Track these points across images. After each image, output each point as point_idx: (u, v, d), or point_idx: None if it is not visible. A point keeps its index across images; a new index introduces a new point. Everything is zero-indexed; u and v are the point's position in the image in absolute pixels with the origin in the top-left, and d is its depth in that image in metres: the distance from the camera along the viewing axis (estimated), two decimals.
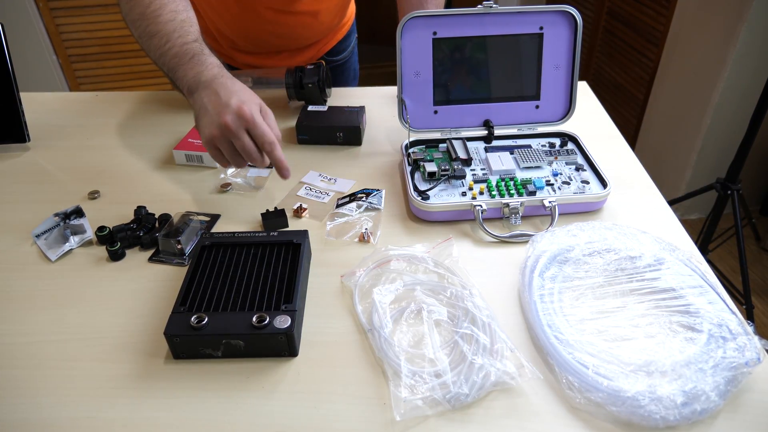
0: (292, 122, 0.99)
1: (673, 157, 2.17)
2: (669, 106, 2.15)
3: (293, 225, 0.77)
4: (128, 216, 0.77)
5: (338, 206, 0.79)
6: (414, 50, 0.83)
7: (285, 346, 0.57)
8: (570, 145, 0.87)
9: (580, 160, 0.84)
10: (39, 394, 0.55)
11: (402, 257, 0.68)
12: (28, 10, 2.19)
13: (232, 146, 0.70)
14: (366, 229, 0.74)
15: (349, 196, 0.80)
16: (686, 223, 1.08)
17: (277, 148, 0.71)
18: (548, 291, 0.62)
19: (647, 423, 0.50)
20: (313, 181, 0.85)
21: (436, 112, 0.87)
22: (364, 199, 0.79)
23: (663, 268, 0.63)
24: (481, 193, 0.78)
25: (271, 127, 0.71)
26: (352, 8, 1.23)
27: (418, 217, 0.77)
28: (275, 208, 0.77)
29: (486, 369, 0.53)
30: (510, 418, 0.52)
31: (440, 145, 0.87)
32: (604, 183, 0.78)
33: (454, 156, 0.83)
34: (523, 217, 0.77)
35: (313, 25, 1.08)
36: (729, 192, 1.62)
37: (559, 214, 0.76)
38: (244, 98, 0.70)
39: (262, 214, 0.76)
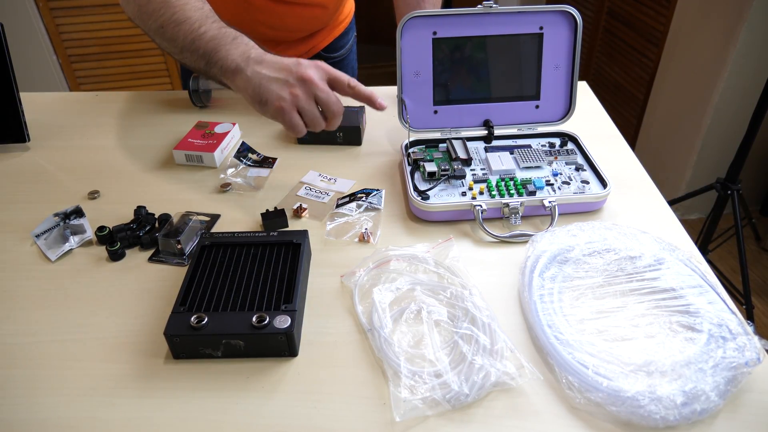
0: None
1: (673, 157, 2.17)
2: (669, 106, 2.15)
3: (293, 225, 0.77)
4: (128, 216, 0.77)
5: (338, 206, 0.79)
6: (414, 50, 0.83)
7: (285, 346, 0.57)
8: (570, 145, 0.87)
9: (580, 160, 0.84)
10: (39, 394, 0.55)
11: (402, 257, 0.68)
12: (28, 10, 2.19)
13: (313, 103, 0.69)
14: (366, 229, 0.74)
15: (349, 196, 0.80)
16: (686, 223, 1.08)
17: (360, 85, 0.72)
18: (548, 291, 0.62)
19: (647, 423, 0.50)
20: (312, 181, 0.85)
21: (436, 112, 0.87)
22: (364, 199, 0.79)
23: (663, 268, 0.63)
24: (481, 193, 0.78)
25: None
26: (350, 5, 1.22)
27: (418, 217, 0.77)
28: (275, 208, 0.77)
29: (486, 369, 0.53)
30: (510, 418, 0.52)
31: (440, 145, 0.87)
32: (604, 183, 0.78)
33: (454, 156, 0.83)
34: (523, 217, 0.77)
35: (307, 17, 1.08)
36: (729, 192, 1.62)
37: (559, 214, 0.76)
38: (308, 59, 0.70)
39: (262, 214, 0.76)
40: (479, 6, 0.81)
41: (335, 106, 0.70)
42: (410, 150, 0.85)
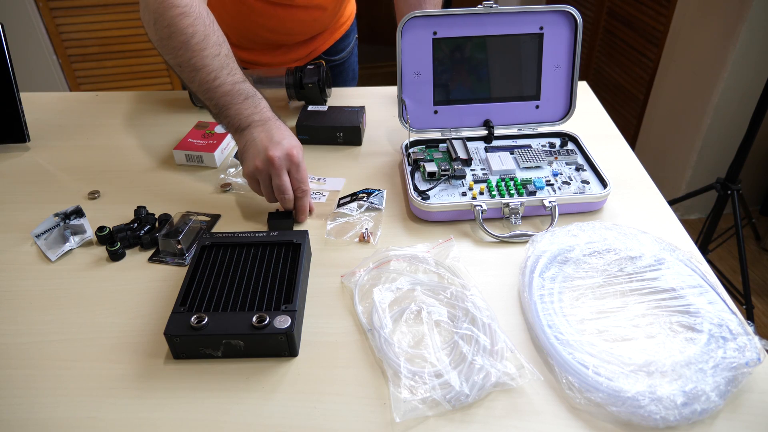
0: (292, 122, 0.99)
1: (673, 157, 2.17)
2: (669, 106, 2.15)
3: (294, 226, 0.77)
4: (128, 216, 0.77)
5: (339, 206, 0.79)
6: (414, 50, 0.83)
7: (285, 346, 0.57)
8: (570, 145, 0.87)
9: (580, 160, 0.84)
10: (39, 394, 0.55)
11: (402, 257, 0.68)
12: (28, 10, 2.19)
13: (269, 180, 0.74)
14: (366, 229, 0.74)
15: (351, 195, 0.80)
16: (686, 223, 1.08)
17: (307, 197, 0.76)
18: (548, 291, 0.62)
19: (647, 423, 0.50)
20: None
21: (436, 112, 0.87)
22: (365, 199, 0.79)
23: (663, 268, 0.63)
24: (481, 193, 0.78)
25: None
26: (351, 8, 1.22)
27: (418, 217, 0.77)
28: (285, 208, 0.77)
29: (486, 369, 0.53)
30: (510, 418, 0.52)
31: (440, 145, 0.87)
32: (604, 183, 0.78)
33: (454, 156, 0.83)
34: (523, 217, 0.77)
35: (307, 20, 1.07)
36: (729, 192, 1.62)
37: (559, 214, 0.76)
38: (294, 143, 0.75)
39: (270, 213, 0.75)
40: (479, 6, 0.80)
41: (284, 191, 0.74)
42: (410, 150, 0.85)
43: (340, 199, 0.80)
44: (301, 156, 0.75)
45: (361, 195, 0.79)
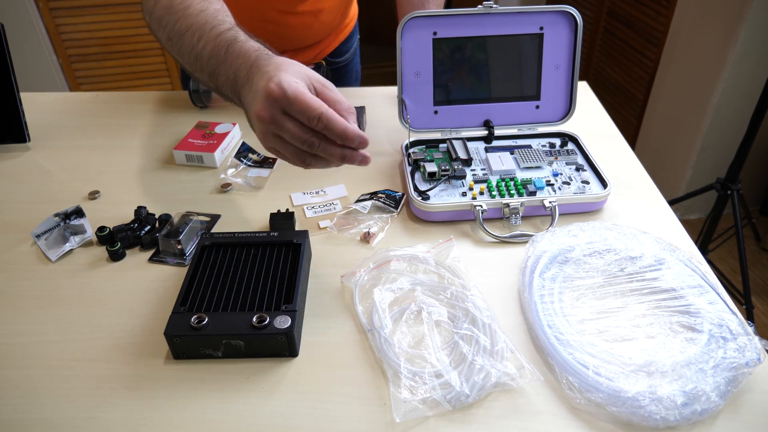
0: None
1: (673, 157, 2.17)
2: (669, 106, 2.15)
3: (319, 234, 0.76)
4: (128, 216, 0.77)
5: (356, 201, 0.79)
6: (414, 50, 0.83)
7: (285, 347, 0.57)
8: (570, 145, 0.87)
9: (580, 160, 0.84)
10: (38, 394, 0.55)
11: (402, 257, 0.68)
12: (28, 10, 2.19)
13: (283, 142, 0.57)
14: (369, 229, 0.74)
15: (370, 194, 0.80)
16: (686, 223, 1.08)
17: (335, 119, 0.53)
18: (548, 291, 0.62)
19: (647, 423, 0.50)
20: (306, 201, 0.81)
21: (436, 112, 0.87)
22: (382, 199, 0.78)
23: (663, 269, 0.63)
24: (482, 193, 0.78)
25: (330, 99, 0.56)
26: (354, 10, 1.22)
27: (419, 218, 0.77)
28: (287, 209, 0.77)
29: (486, 370, 0.53)
30: (510, 418, 0.52)
31: (440, 145, 0.87)
32: (604, 183, 0.78)
33: (454, 156, 0.83)
34: (524, 218, 0.77)
35: (315, 25, 1.08)
36: (729, 192, 1.62)
37: (560, 215, 0.76)
38: (273, 74, 0.54)
39: (272, 214, 0.75)
40: (479, 6, 0.80)
41: (312, 109, 0.53)
42: (410, 150, 0.85)
43: (362, 195, 0.80)
44: (286, 84, 0.53)
45: (380, 195, 0.79)
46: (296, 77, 0.55)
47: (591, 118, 1.00)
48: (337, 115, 0.53)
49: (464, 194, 0.77)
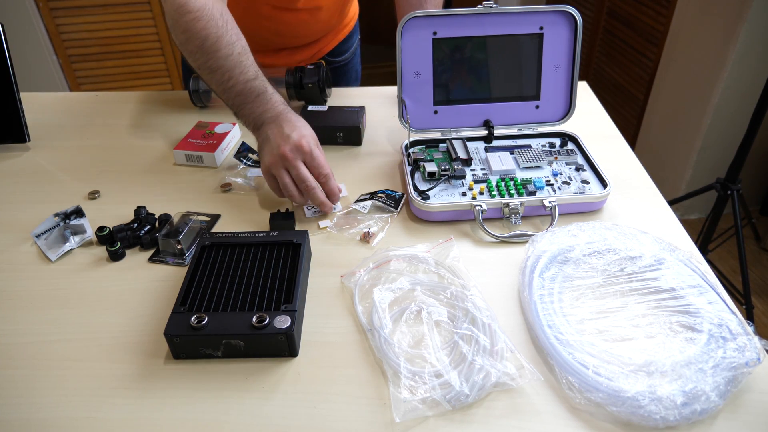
0: None
1: (673, 157, 2.17)
2: (669, 106, 2.15)
3: (323, 234, 0.76)
4: (128, 216, 0.77)
5: (356, 201, 0.78)
6: (414, 50, 0.83)
7: (285, 346, 0.57)
8: (570, 145, 0.87)
9: (580, 160, 0.84)
10: (39, 394, 0.55)
11: (402, 257, 0.68)
12: (28, 10, 2.19)
13: (288, 176, 0.75)
14: (369, 229, 0.74)
15: (370, 194, 0.80)
16: (686, 223, 1.08)
17: (332, 179, 0.76)
18: (548, 291, 0.62)
19: (647, 423, 0.50)
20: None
21: (436, 112, 0.87)
22: (382, 199, 0.78)
23: (663, 268, 0.63)
24: (481, 193, 0.78)
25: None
26: (354, 9, 1.22)
27: (418, 217, 0.77)
28: (287, 209, 0.77)
29: (486, 370, 0.53)
30: (510, 418, 0.52)
31: (440, 145, 0.87)
32: (604, 183, 0.78)
33: (454, 156, 0.83)
34: (523, 217, 0.77)
35: (312, 22, 1.08)
36: (729, 192, 1.62)
37: (559, 214, 0.76)
38: (304, 132, 0.76)
39: (271, 214, 0.75)
40: (479, 6, 0.80)
41: (304, 182, 0.75)
42: (410, 150, 0.85)
43: (362, 195, 0.80)
44: (313, 143, 0.76)
45: (380, 195, 0.79)
46: (314, 138, 0.78)
47: (591, 118, 1.00)
48: (333, 179, 0.77)
49: (464, 194, 0.77)
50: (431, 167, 0.80)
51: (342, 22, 1.18)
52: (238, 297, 0.61)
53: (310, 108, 0.98)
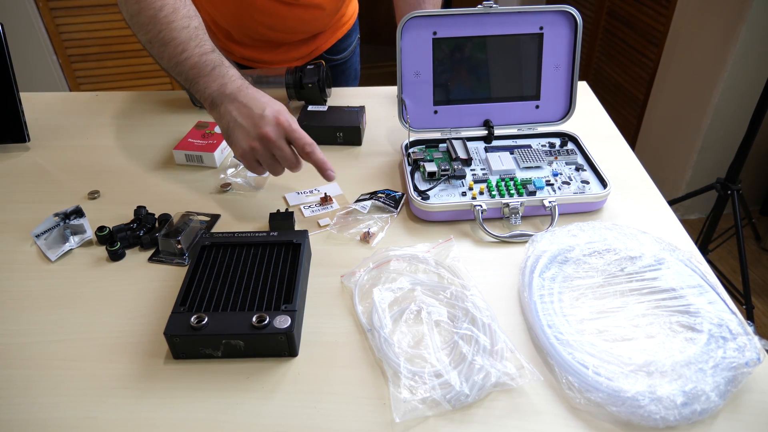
0: None
1: (673, 157, 2.17)
2: (669, 106, 2.15)
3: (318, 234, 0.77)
4: (128, 216, 0.77)
5: (356, 201, 0.78)
6: (414, 50, 0.83)
7: (285, 346, 0.57)
8: (570, 145, 0.87)
9: (580, 160, 0.84)
10: (39, 394, 0.55)
11: (402, 257, 0.68)
12: (28, 10, 2.19)
13: (271, 156, 0.72)
14: (369, 229, 0.74)
15: (370, 194, 0.80)
16: (686, 223, 1.08)
17: (317, 150, 0.72)
18: (548, 291, 0.62)
19: (647, 423, 0.50)
20: (302, 200, 0.81)
21: (436, 112, 0.87)
22: (382, 199, 0.78)
23: (663, 268, 0.63)
24: (481, 193, 0.78)
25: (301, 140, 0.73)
26: (353, 7, 1.22)
27: (418, 217, 0.77)
28: (286, 209, 0.76)
29: (486, 369, 0.53)
30: (510, 418, 0.52)
31: (440, 145, 0.87)
32: (604, 183, 0.78)
33: (454, 156, 0.83)
34: (523, 217, 0.77)
35: (307, 19, 1.07)
36: (729, 192, 1.62)
37: (559, 214, 0.76)
38: (276, 107, 0.72)
39: (271, 214, 0.75)
40: (479, 6, 0.80)
41: (289, 161, 0.72)
42: (410, 150, 0.85)
43: (362, 195, 0.80)
44: (289, 117, 0.72)
45: (380, 195, 0.79)
46: (286, 110, 0.73)
47: (591, 118, 1.00)
48: (317, 148, 0.72)
49: (464, 194, 0.77)
50: (431, 167, 0.80)
51: (340, 20, 1.17)
52: (238, 297, 0.61)
53: (310, 108, 0.98)
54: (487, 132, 0.88)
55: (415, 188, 0.78)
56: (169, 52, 0.75)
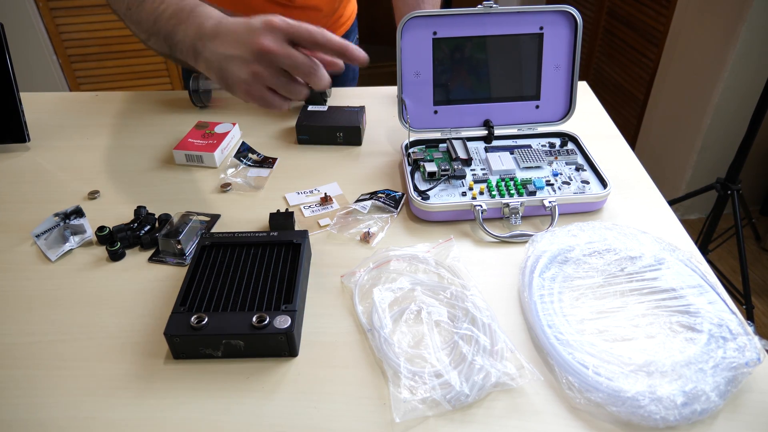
0: (292, 122, 1.00)
1: (673, 157, 2.17)
2: (669, 106, 2.15)
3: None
4: (128, 216, 0.77)
5: (356, 201, 0.78)
6: (414, 50, 0.83)
7: (285, 346, 0.57)
8: (570, 145, 0.87)
9: (580, 160, 0.84)
10: (39, 394, 0.55)
11: (402, 257, 0.68)
12: (28, 10, 2.19)
13: (282, 73, 0.59)
14: (369, 229, 0.74)
15: (370, 194, 0.80)
16: (686, 223, 1.08)
17: (332, 35, 0.58)
18: (548, 291, 0.62)
19: (647, 423, 0.50)
20: (302, 200, 0.81)
21: (436, 112, 0.87)
22: (382, 199, 0.78)
23: (663, 268, 0.63)
24: (481, 193, 0.78)
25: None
26: (352, 8, 1.22)
27: (419, 218, 0.77)
28: (286, 209, 0.76)
29: (486, 370, 0.53)
30: (510, 418, 0.52)
31: (440, 145, 0.87)
32: (604, 183, 0.78)
33: (454, 156, 0.83)
34: (523, 217, 0.77)
35: (304, 19, 1.07)
36: (729, 192, 1.62)
37: (559, 214, 0.76)
38: (264, 17, 0.58)
39: (271, 214, 0.75)
40: (479, 6, 0.80)
41: (305, 67, 0.57)
42: (410, 150, 0.85)
43: (362, 195, 0.80)
44: (283, 18, 0.59)
45: (380, 195, 0.79)
46: (276, 13, 0.58)
47: (591, 118, 1.00)
48: (331, 34, 0.58)
49: (464, 194, 0.77)
50: (431, 167, 0.80)
51: (338, 21, 1.17)
52: (238, 297, 0.61)
53: (310, 108, 0.98)
54: (487, 132, 0.88)
55: (415, 188, 0.78)
56: (147, 9, 0.66)
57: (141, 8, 0.68)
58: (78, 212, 0.76)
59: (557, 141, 0.88)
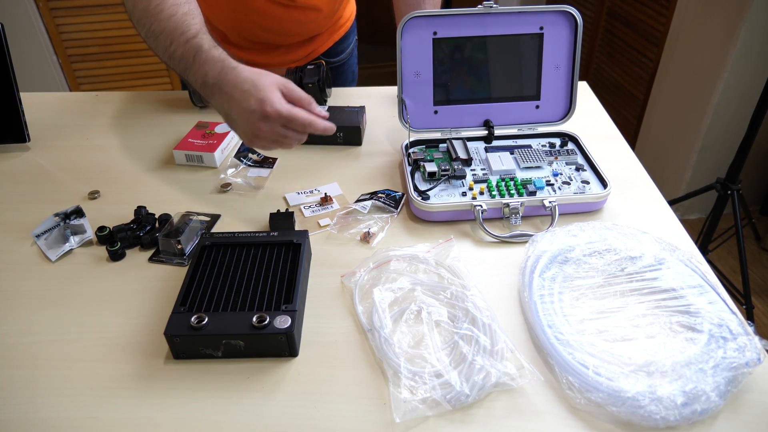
0: None
1: (673, 157, 2.17)
2: (669, 106, 2.15)
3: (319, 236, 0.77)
4: (128, 216, 0.77)
5: (356, 201, 0.78)
6: (414, 50, 0.83)
7: (285, 346, 0.57)
8: (570, 145, 0.87)
9: (580, 160, 0.84)
10: (39, 394, 0.55)
11: (402, 257, 0.68)
12: (28, 10, 2.19)
13: (280, 133, 0.69)
14: (369, 229, 0.74)
15: (371, 194, 0.80)
16: (686, 223, 1.08)
17: (317, 121, 0.70)
18: (548, 291, 0.62)
19: (647, 423, 0.50)
20: (302, 200, 0.81)
21: (436, 112, 0.87)
22: (382, 199, 0.78)
23: (663, 268, 0.63)
24: (482, 193, 0.78)
25: (298, 98, 0.70)
26: (351, 9, 1.22)
27: (419, 218, 0.77)
28: (286, 209, 0.77)
29: (486, 370, 0.53)
30: (510, 418, 0.52)
31: (440, 145, 0.87)
32: (604, 183, 0.78)
33: (454, 156, 0.83)
34: (524, 217, 0.77)
35: (304, 21, 1.07)
36: (729, 192, 1.62)
37: (560, 214, 0.76)
38: (260, 96, 0.66)
39: (271, 214, 0.75)
40: (479, 6, 0.80)
41: (302, 126, 0.69)
42: (410, 150, 0.85)
43: (362, 195, 0.80)
44: (277, 104, 0.67)
45: (380, 195, 0.79)
46: (274, 92, 0.67)
47: (591, 118, 1.00)
48: (315, 118, 0.70)
49: (464, 194, 0.77)
50: (431, 167, 0.80)
51: (337, 22, 1.17)
52: (238, 297, 0.61)
53: None
54: (487, 132, 0.88)
55: (416, 188, 0.78)
56: (161, 45, 0.72)
57: (156, 43, 0.74)
58: (78, 212, 0.76)
59: (557, 141, 0.88)
